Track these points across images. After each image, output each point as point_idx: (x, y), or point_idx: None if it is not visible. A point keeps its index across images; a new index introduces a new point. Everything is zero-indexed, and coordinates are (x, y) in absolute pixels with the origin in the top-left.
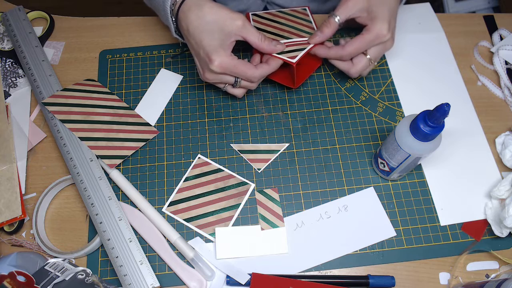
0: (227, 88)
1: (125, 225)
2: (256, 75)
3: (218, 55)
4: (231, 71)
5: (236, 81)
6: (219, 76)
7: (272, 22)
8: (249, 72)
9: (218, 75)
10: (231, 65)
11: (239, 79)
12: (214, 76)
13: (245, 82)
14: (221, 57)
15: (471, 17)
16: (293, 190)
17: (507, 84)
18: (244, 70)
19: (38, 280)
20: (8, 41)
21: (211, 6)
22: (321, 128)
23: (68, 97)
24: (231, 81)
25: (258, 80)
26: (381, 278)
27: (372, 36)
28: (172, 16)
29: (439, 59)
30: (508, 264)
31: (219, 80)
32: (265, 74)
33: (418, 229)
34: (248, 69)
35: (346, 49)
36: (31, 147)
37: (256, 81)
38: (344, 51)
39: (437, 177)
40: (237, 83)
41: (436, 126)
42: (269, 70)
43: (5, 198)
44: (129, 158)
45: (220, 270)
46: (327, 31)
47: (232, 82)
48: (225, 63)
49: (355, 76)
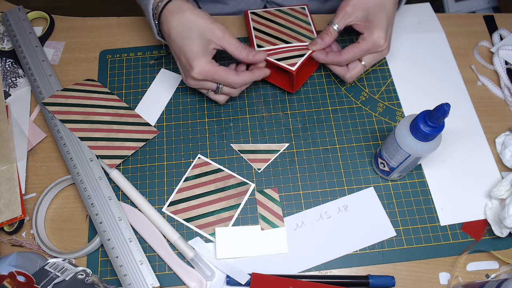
0: (209, 94)
1: (125, 225)
2: (237, 82)
3: (198, 61)
4: (212, 77)
5: (218, 87)
6: (201, 83)
7: (270, 22)
8: (230, 79)
9: (200, 81)
10: (212, 72)
11: (221, 85)
12: (196, 82)
13: (227, 88)
14: (201, 64)
15: (471, 17)
16: (293, 190)
17: (507, 84)
18: (225, 77)
19: (38, 280)
20: (8, 41)
21: (192, 12)
22: (321, 128)
23: (68, 97)
24: (213, 87)
25: (240, 86)
26: (381, 278)
27: (369, 45)
28: (155, 19)
29: (439, 59)
30: (508, 264)
31: (200, 86)
32: (247, 82)
33: (418, 229)
34: (229, 76)
35: (343, 56)
36: (31, 147)
37: (238, 88)
38: (341, 57)
39: (437, 177)
40: (218, 89)
41: (436, 126)
42: (252, 78)
43: (5, 198)
44: (129, 158)
45: (220, 270)
46: (327, 39)
47: (214, 88)
48: (206, 70)
49: (349, 81)
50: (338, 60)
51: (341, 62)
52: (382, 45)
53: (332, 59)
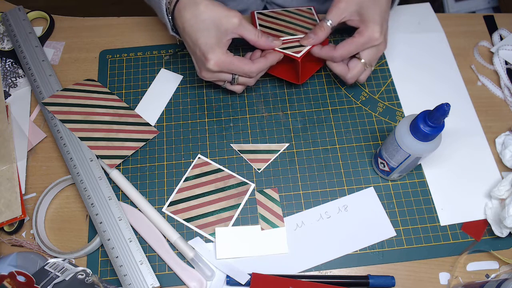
0: (226, 85)
1: (125, 225)
2: (253, 70)
3: (214, 53)
4: (227, 68)
5: (233, 78)
6: (216, 74)
7: (277, 20)
8: (246, 68)
9: (215, 73)
10: (227, 62)
11: (237, 76)
12: (211, 75)
13: (243, 78)
14: (217, 56)
15: (471, 17)
16: (293, 190)
17: (507, 84)
18: (240, 66)
19: (38, 280)
20: (8, 41)
21: (206, 4)
22: (321, 128)
23: (68, 97)
24: (229, 78)
25: (256, 75)
26: (381, 278)
27: (364, 39)
28: (168, 14)
29: (439, 59)
30: (508, 264)
31: (216, 78)
32: (263, 68)
33: (418, 229)
34: (244, 65)
35: (337, 50)
36: (31, 147)
37: (254, 76)
38: (335, 52)
39: (437, 177)
40: (234, 80)
41: (436, 126)
42: (267, 64)
43: (5, 198)
44: (129, 158)
45: (220, 270)
46: (320, 34)
47: (229, 80)
48: (221, 61)
49: (351, 82)
50: (332, 54)
51: (335, 57)
52: (378, 38)
53: (326, 53)
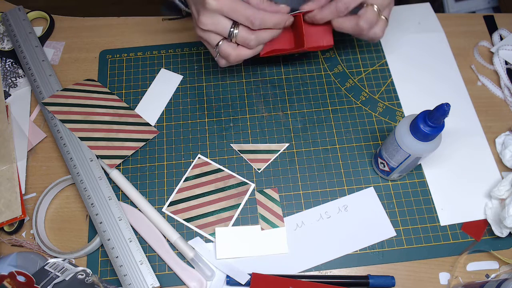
0: (221, 46)
1: (125, 225)
2: (257, 16)
3: None
4: (229, 7)
5: (231, 32)
6: (215, 19)
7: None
8: (249, 11)
9: (214, 15)
10: (230, 0)
11: (236, 30)
12: (209, 19)
13: (243, 31)
14: None
15: (471, 17)
16: (293, 190)
17: (507, 84)
18: (244, 7)
19: (38, 280)
20: (8, 41)
21: None
22: (321, 128)
23: (68, 97)
24: (227, 28)
25: (259, 25)
26: (381, 278)
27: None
28: None
29: (439, 59)
30: (508, 264)
31: (213, 25)
32: (268, 22)
33: (418, 229)
34: (248, 7)
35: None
36: (31, 147)
37: (258, 26)
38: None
39: (437, 177)
40: (233, 34)
41: (436, 126)
42: (272, 19)
43: (5, 198)
44: (129, 158)
45: (220, 270)
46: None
47: (227, 31)
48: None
49: (367, 33)
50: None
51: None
52: None
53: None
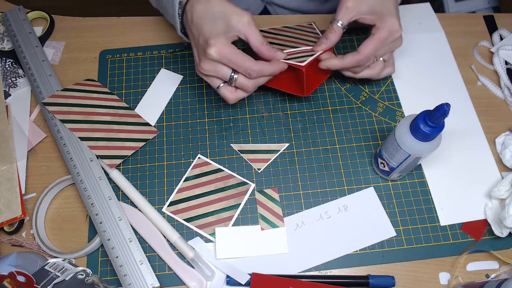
0: (221, 89)
1: (125, 225)
2: (254, 69)
3: (217, 40)
4: (229, 59)
5: (232, 77)
6: (216, 66)
7: (278, 35)
8: (248, 64)
9: (215, 63)
10: (230, 52)
11: (236, 75)
12: (210, 66)
13: (242, 79)
14: (220, 43)
15: (471, 17)
16: (293, 190)
17: (507, 84)
18: (242, 60)
19: (38, 280)
20: (8, 41)
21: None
22: (321, 128)
23: (68, 97)
24: (227, 74)
25: (256, 76)
26: (381, 278)
27: (385, 34)
28: (180, 9)
29: (439, 59)
30: (508, 264)
31: (214, 71)
32: (265, 72)
33: (418, 229)
34: (247, 60)
35: (362, 52)
36: (31, 147)
37: (255, 77)
38: (360, 55)
39: (437, 177)
40: (233, 79)
41: (436, 126)
42: (269, 69)
43: (5, 198)
44: (129, 158)
45: (220, 270)
46: (332, 36)
47: (228, 77)
48: (224, 49)
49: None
50: (358, 58)
51: (361, 60)
52: (398, 30)
53: (351, 60)
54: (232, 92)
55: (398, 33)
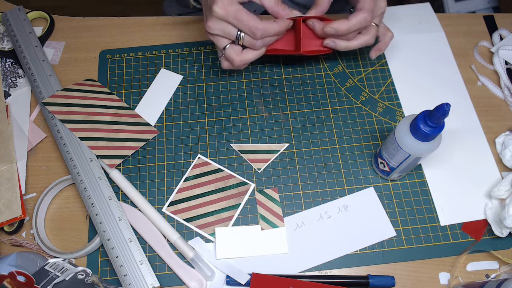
0: (227, 50)
1: (125, 225)
2: (259, 27)
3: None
4: (234, 17)
5: (238, 35)
6: (221, 25)
7: None
8: (252, 22)
9: (220, 22)
10: (235, 10)
11: (242, 33)
12: (216, 24)
13: (248, 38)
14: (226, 0)
15: (471, 17)
16: (293, 190)
17: (507, 84)
18: (247, 19)
19: (38, 280)
20: (8, 41)
21: None
22: (321, 128)
23: (68, 97)
24: (233, 32)
25: (261, 35)
26: (381, 278)
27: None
28: None
29: (439, 59)
30: (508, 264)
31: (220, 30)
32: (270, 31)
33: (418, 229)
34: (252, 19)
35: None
36: (31, 147)
37: (260, 37)
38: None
39: (437, 177)
40: (239, 37)
41: (436, 126)
42: (275, 28)
43: (5, 198)
44: (129, 158)
45: (220, 270)
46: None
47: (233, 37)
48: (229, 6)
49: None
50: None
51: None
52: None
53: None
54: (238, 53)
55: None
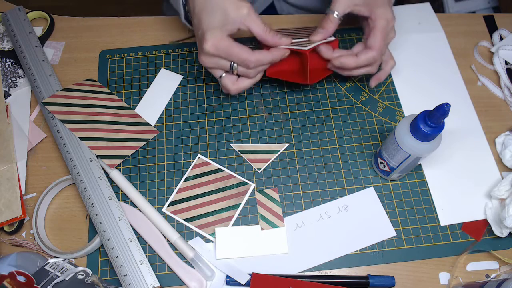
0: (222, 79)
1: (125, 225)
2: (251, 59)
3: (212, 35)
4: (225, 52)
5: (232, 66)
6: (214, 59)
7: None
8: (244, 55)
9: (212, 57)
10: (225, 46)
11: (235, 64)
12: (209, 59)
13: (242, 68)
14: (215, 37)
15: (471, 17)
16: (293, 190)
17: (507, 84)
18: (238, 52)
19: (38, 280)
20: (8, 41)
21: None
22: (321, 128)
23: (68, 97)
24: (227, 66)
25: (255, 66)
26: (381, 278)
27: (384, 22)
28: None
29: (439, 59)
30: (508, 264)
31: (214, 64)
32: (263, 61)
33: (418, 229)
34: (243, 51)
35: (375, 46)
36: (31, 147)
37: (253, 68)
38: (374, 50)
39: (437, 177)
40: (233, 67)
41: (436, 126)
42: (267, 58)
43: (5, 198)
44: (129, 158)
45: (220, 270)
46: (329, 26)
47: (227, 68)
48: (218, 43)
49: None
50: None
51: (376, 56)
52: (393, 18)
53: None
54: (233, 83)
55: (393, 22)
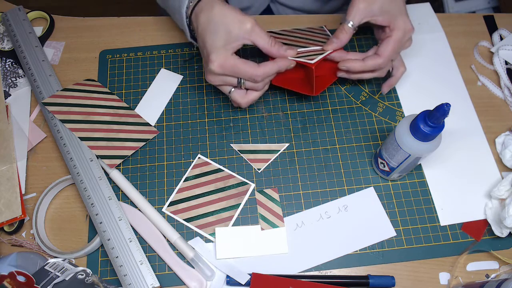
0: (232, 93)
1: (125, 225)
2: (258, 74)
3: (217, 55)
4: (231, 71)
5: (239, 81)
6: (221, 78)
7: (289, 36)
8: (250, 71)
9: (219, 76)
10: (230, 65)
11: (243, 80)
12: (216, 78)
13: (249, 83)
14: (220, 57)
15: (471, 17)
16: (293, 190)
17: (507, 84)
18: (245, 69)
19: (38, 280)
20: (8, 41)
21: (221, 7)
22: (321, 128)
23: (68, 97)
24: (234, 82)
25: (262, 79)
26: (381, 278)
27: (401, 34)
28: (187, 19)
29: (439, 59)
30: (508, 264)
31: (221, 81)
32: (269, 73)
33: (418, 229)
34: (249, 68)
35: (383, 54)
36: (31, 147)
37: (261, 81)
38: (381, 58)
39: (437, 177)
40: (241, 83)
41: (436, 126)
42: (273, 69)
43: (5, 198)
44: (129, 158)
45: (220, 270)
46: (343, 37)
47: (235, 84)
48: (224, 63)
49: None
50: (380, 62)
51: (383, 63)
52: (411, 29)
53: (372, 64)
54: (242, 96)
55: (411, 32)
